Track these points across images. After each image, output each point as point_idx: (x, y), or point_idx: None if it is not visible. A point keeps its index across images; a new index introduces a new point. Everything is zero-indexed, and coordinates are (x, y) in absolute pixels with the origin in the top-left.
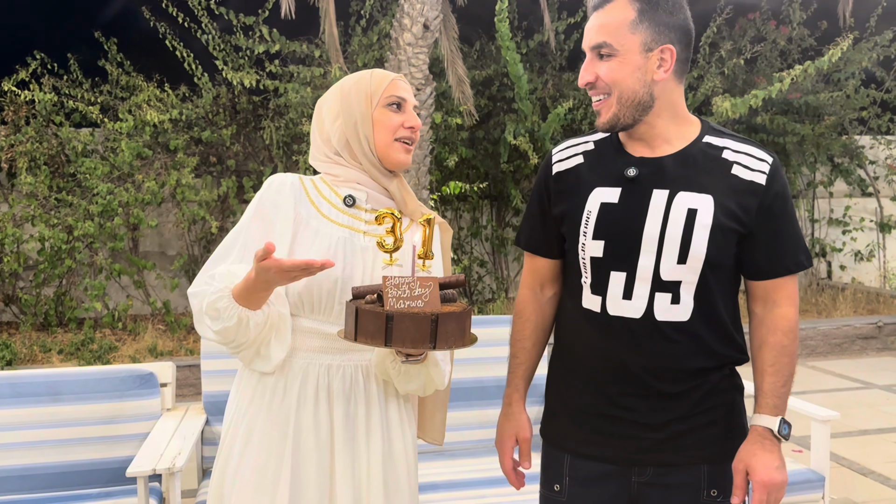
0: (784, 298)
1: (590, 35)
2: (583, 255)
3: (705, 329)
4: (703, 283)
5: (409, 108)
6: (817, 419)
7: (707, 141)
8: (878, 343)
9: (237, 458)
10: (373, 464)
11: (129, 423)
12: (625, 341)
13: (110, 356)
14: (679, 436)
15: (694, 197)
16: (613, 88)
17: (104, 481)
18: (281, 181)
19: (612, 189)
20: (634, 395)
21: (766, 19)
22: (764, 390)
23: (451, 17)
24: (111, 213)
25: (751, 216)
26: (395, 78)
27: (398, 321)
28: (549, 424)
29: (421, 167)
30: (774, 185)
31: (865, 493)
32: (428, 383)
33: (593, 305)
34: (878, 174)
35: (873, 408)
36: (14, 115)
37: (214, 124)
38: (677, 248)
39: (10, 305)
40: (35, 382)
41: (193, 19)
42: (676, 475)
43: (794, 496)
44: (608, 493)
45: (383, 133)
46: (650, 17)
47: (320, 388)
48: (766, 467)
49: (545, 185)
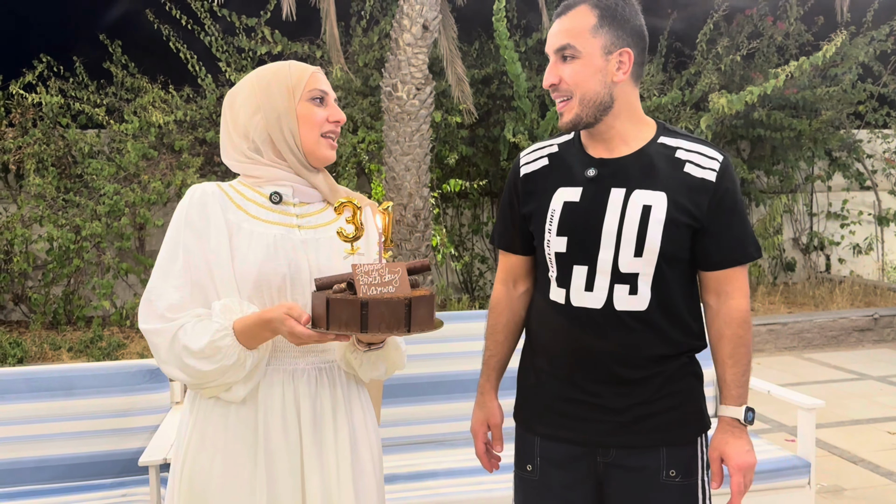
0: (736, 290)
1: (554, 39)
2: (548, 250)
3: (662, 318)
4: (659, 275)
5: (331, 102)
6: (803, 407)
7: (662, 141)
8: (874, 335)
9: (207, 463)
10: (341, 460)
11: (140, 416)
12: (588, 330)
13: (119, 353)
14: (640, 420)
15: (649, 194)
16: (576, 90)
17: (116, 472)
18: (202, 191)
19: (574, 188)
20: (599, 381)
21: (763, 15)
22: (727, 382)
23: (449, 17)
24: (118, 213)
25: (702, 211)
26: (314, 71)
27: (373, 307)
28: (521, 409)
29: (422, 165)
30: (724, 182)
31: (855, 480)
32: (390, 367)
33: (559, 298)
34: (876, 168)
35: (867, 398)
36: (21, 118)
37: (218, 125)
38: (634, 242)
39: (20, 304)
40: (49, 378)
41: (196, 21)
42: (638, 457)
43: (781, 482)
44: (576, 473)
45: (308, 128)
46: (609, 22)
47: (286, 392)
48: (739, 452)
49: (514, 187)
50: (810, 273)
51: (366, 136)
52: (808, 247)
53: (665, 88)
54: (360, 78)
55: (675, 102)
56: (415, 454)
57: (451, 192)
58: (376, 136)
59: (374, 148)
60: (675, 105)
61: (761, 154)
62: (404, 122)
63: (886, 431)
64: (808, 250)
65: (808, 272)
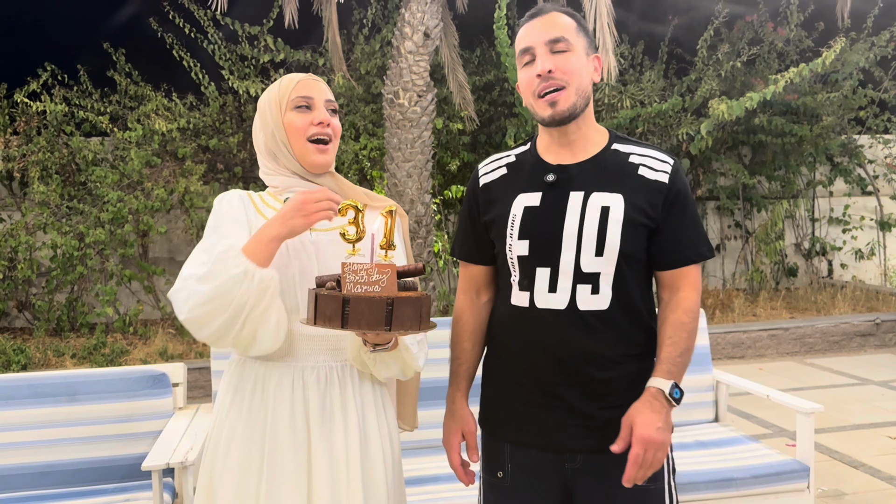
0: (687, 285)
1: (543, 31)
2: (510, 255)
3: (623, 317)
4: (620, 275)
5: (318, 105)
6: (802, 411)
7: (615, 148)
8: (875, 340)
9: (222, 461)
10: (351, 458)
11: (143, 422)
12: (552, 332)
13: (122, 360)
14: (606, 424)
15: (606, 196)
16: (571, 79)
17: (119, 477)
18: (230, 196)
19: (533, 194)
20: (563, 384)
21: (764, 22)
22: (661, 358)
23: (450, 24)
24: (121, 221)
25: (657, 211)
26: (301, 79)
27: (354, 304)
28: (488, 416)
29: (423, 172)
30: (676, 184)
31: (856, 484)
32: (405, 368)
33: (522, 301)
34: (878, 173)
35: (868, 403)
36: (26, 126)
37: (221, 132)
38: (594, 242)
39: (24, 311)
40: (53, 384)
41: (200, 30)
42: (605, 462)
43: (781, 486)
44: (547, 480)
45: (295, 136)
46: (582, 30)
47: (295, 389)
48: (648, 425)
49: (474, 197)
50: (812, 278)
51: (368, 142)
52: (811, 252)
53: (666, 94)
54: (363, 85)
55: (676, 108)
56: (421, 458)
57: (453, 198)
58: (378, 143)
59: (376, 154)
60: (675, 111)
61: (762, 159)
62: (406, 129)
63: (887, 436)
64: (811, 255)
65: (810, 277)
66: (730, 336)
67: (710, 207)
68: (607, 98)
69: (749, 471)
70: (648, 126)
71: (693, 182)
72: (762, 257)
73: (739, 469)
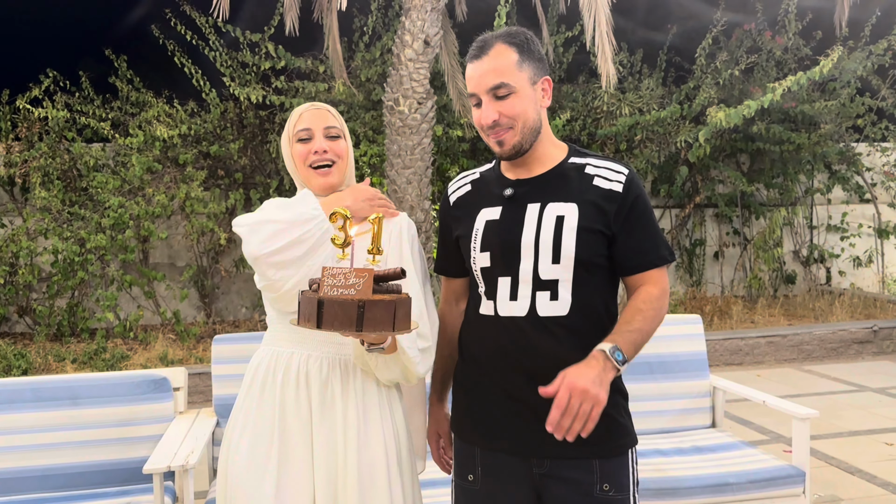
0: (653, 284)
1: (483, 80)
2: (475, 266)
3: (583, 323)
4: (578, 281)
5: (317, 135)
6: (798, 417)
7: (572, 161)
8: (873, 347)
9: (235, 443)
10: (349, 448)
11: (144, 426)
12: (515, 338)
13: (122, 365)
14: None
15: (561, 206)
16: (517, 120)
17: (120, 480)
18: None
19: (494, 208)
20: (528, 389)
21: (762, 30)
22: (612, 331)
23: (450, 32)
24: (122, 226)
25: (610, 218)
26: (303, 112)
27: (328, 306)
28: (458, 420)
29: (423, 178)
30: (632, 192)
31: (852, 490)
32: (406, 372)
33: (488, 310)
34: (876, 181)
35: (865, 409)
36: (27, 132)
37: (222, 138)
38: (550, 250)
39: (25, 316)
40: (55, 387)
41: (201, 37)
42: (570, 468)
43: (777, 491)
44: (516, 484)
45: (300, 164)
46: (528, 55)
47: (300, 373)
48: (578, 375)
49: (447, 213)
50: (810, 285)
51: (368, 149)
52: (809, 259)
53: (664, 102)
54: (363, 92)
55: (674, 116)
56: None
57: None
58: (378, 150)
59: (377, 161)
60: (674, 119)
61: (761, 167)
62: (406, 136)
63: (884, 443)
64: (809, 263)
65: (808, 284)
66: (727, 343)
67: (708, 215)
68: (606, 106)
69: (745, 476)
70: (647, 133)
71: (691, 189)
72: (760, 264)
73: (736, 474)
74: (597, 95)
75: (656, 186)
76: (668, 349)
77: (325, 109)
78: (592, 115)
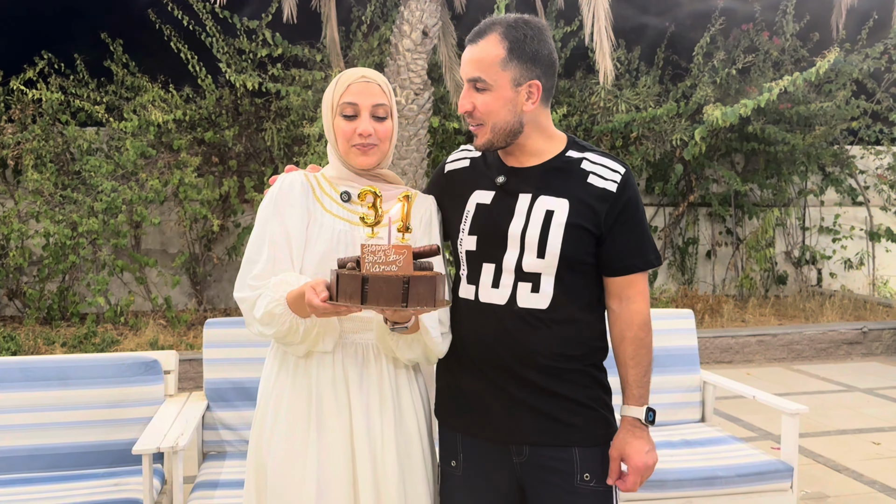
0: (636, 294)
1: (466, 68)
2: (460, 248)
3: (563, 318)
4: (561, 277)
5: (364, 113)
6: (787, 412)
7: (569, 155)
8: (862, 348)
9: (270, 428)
10: (386, 429)
11: (134, 408)
12: (493, 326)
13: (112, 350)
14: (548, 417)
15: (552, 200)
16: (488, 118)
17: (109, 462)
18: (292, 180)
19: (487, 192)
20: (505, 376)
21: (760, 30)
22: (629, 382)
23: (449, 24)
24: (115, 211)
25: (601, 219)
26: (352, 82)
27: (373, 283)
28: (440, 406)
29: (418, 170)
30: (625, 193)
31: (839, 487)
32: (427, 351)
33: (469, 294)
34: (869, 184)
35: (853, 409)
36: (21, 114)
37: (217, 125)
38: (536, 245)
39: (15, 299)
40: (44, 368)
41: (198, 22)
42: (551, 456)
43: (765, 485)
44: (497, 472)
45: (342, 141)
46: (518, 55)
47: (335, 359)
48: (639, 453)
49: (437, 181)
50: (801, 286)
51: None
52: (800, 260)
53: (661, 100)
54: None
55: (671, 114)
56: None
57: None
58: None
59: None
60: (670, 116)
61: (755, 167)
62: (402, 127)
63: (871, 442)
64: (800, 264)
65: (799, 285)
66: (718, 341)
67: (701, 214)
68: (603, 102)
69: (733, 469)
70: (643, 131)
71: (686, 188)
72: (752, 264)
73: (724, 468)
74: (594, 91)
75: (651, 184)
76: (659, 343)
77: (376, 83)
78: (589, 112)
